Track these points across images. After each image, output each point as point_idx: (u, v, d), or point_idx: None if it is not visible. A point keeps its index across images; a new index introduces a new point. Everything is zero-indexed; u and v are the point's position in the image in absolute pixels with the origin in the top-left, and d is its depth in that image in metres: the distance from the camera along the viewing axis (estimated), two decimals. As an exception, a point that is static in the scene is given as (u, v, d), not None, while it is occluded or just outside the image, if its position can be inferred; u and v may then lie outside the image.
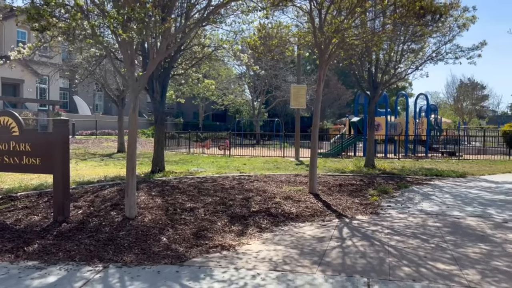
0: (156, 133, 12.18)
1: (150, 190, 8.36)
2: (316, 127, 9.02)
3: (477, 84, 61.31)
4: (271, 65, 40.17)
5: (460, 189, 9.76)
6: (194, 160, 17.84)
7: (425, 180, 11.24)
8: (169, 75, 12.21)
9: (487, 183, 10.81)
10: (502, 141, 27.10)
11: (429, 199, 8.52)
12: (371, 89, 13.54)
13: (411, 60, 13.03)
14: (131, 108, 6.24)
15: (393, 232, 5.88)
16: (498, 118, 72.94)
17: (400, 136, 22.86)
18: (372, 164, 13.72)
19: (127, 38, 5.09)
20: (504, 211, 7.34)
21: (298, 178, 10.83)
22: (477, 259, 4.74)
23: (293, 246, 5.22)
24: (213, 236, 5.60)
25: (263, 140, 37.47)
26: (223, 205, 7.18)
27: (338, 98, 46.61)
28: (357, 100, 25.11)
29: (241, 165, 15.47)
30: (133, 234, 5.56)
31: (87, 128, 31.46)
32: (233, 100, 44.24)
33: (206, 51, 12.94)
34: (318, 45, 8.32)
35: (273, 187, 9.14)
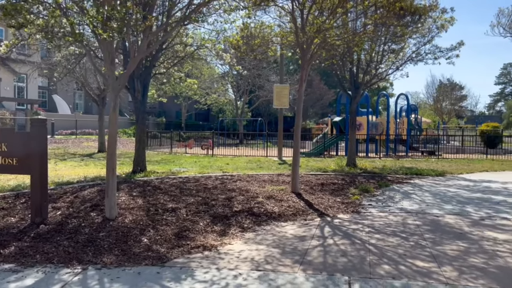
0: (137, 133, 12.05)
1: (131, 191, 8.26)
2: (299, 127, 9.07)
3: (456, 84, 62.65)
4: (254, 65, 40.18)
5: (439, 188, 9.94)
6: (177, 160, 17.71)
7: (406, 179, 11.41)
8: (150, 74, 12.09)
9: (465, 182, 11.05)
10: (479, 141, 27.76)
11: (409, 197, 8.65)
12: (353, 89, 13.67)
13: (391, 61, 13.23)
14: (111, 107, 6.15)
15: (373, 231, 5.95)
16: (476, 118, 74.72)
17: (381, 136, 23.18)
18: (353, 163, 13.86)
19: (107, 37, 5.01)
20: (481, 209, 7.51)
21: (281, 177, 10.86)
22: (455, 256, 4.83)
23: (275, 246, 5.23)
24: (195, 236, 5.56)
25: (247, 139, 37.44)
26: (206, 205, 7.15)
27: (321, 98, 46.96)
28: (339, 100, 25.33)
29: (224, 165, 15.43)
30: (113, 235, 5.48)
31: (67, 128, 30.89)
32: (216, 100, 44.08)
33: (188, 50, 12.86)
34: (300, 45, 8.35)
35: (255, 186, 9.14)
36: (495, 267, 4.49)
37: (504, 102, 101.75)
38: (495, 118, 76.51)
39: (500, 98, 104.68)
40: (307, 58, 8.44)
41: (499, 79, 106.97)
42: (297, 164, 8.89)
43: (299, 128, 9.06)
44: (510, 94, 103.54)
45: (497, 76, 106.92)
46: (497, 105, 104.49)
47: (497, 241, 5.46)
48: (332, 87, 49.07)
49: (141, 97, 11.70)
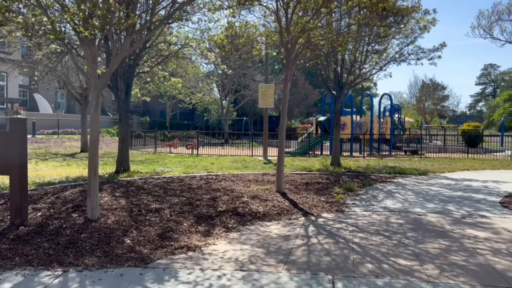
0: (121, 132, 11.90)
1: (114, 191, 8.15)
2: (283, 127, 9.08)
3: (438, 84, 63.60)
4: (239, 64, 40.10)
5: (422, 187, 10.08)
6: (161, 160, 17.56)
7: (389, 178, 11.54)
8: (134, 73, 11.95)
9: (447, 180, 11.23)
10: (461, 140, 28.27)
11: (393, 196, 8.75)
12: (337, 89, 13.76)
13: (375, 61, 13.36)
14: (93, 106, 6.05)
15: (357, 230, 5.99)
16: (458, 117, 76.11)
17: (365, 135, 23.41)
18: (338, 163, 13.96)
19: (88, 35, 4.92)
20: (462, 207, 7.64)
21: (266, 177, 10.86)
22: (437, 255, 4.90)
23: (259, 245, 5.22)
24: (179, 237, 5.52)
25: (232, 139, 37.40)
26: (190, 205, 7.10)
27: (306, 97, 47.16)
28: (324, 99, 25.50)
29: (209, 165, 15.37)
30: (95, 236, 5.39)
31: (48, 127, 30.34)
32: (201, 99, 43.88)
33: (172, 49, 12.76)
34: (285, 45, 8.37)
35: (240, 186, 9.12)
36: (475, 264, 4.57)
37: (484, 102, 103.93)
38: (476, 118, 78.11)
39: (480, 98, 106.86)
40: (291, 58, 8.45)
41: (480, 79, 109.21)
42: (281, 164, 8.90)
43: (284, 128, 9.08)
44: (491, 94, 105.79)
45: (478, 77, 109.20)
46: (478, 105, 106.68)
47: (477, 239, 5.55)
48: (317, 87, 49.30)
49: (124, 96, 11.56)
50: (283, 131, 9.05)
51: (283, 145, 9.21)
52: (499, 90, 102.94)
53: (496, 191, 9.49)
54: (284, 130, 9.08)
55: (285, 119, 9.05)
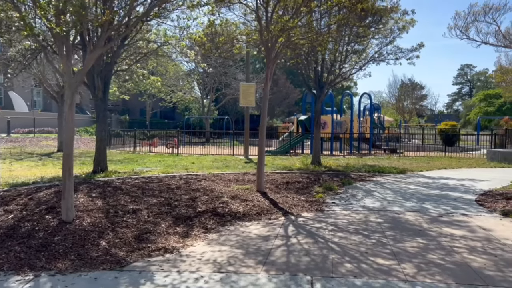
0: (98, 131, 11.65)
1: (91, 192, 7.96)
2: (264, 126, 9.04)
3: (416, 84, 64.68)
4: (220, 63, 39.89)
5: (400, 185, 10.20)
6: (140, 159, 17.31)
7: (368, 176, 11.64)
8: (112, 71, 11.73)
9: (425, 179, 11.39)
10: (439, 139, 28.82)
11: (371, 195, 8.81)
12: (318, 88, 13.81)
13: (355, 61, 13.46)
14: (67, 104, 5.88)
15: (336, 229, 6.00)
16: (436, 116, 77.62)
17: (345, 134, 23.61)
18: (318, 162, 14.01)
19: (60, 31, 4.76)
20: (439, 206, 7.75)
21: (247, 176, 10.81)
22: (414, 253, 4.93)
23: (238, 246, 5.16)
24: (156, 238, 5.41)
25: (213, 138, 37.20)
26: (168, 206, 6.98)
27: (287, 96, 47.28)
28: (305, 99, 25.61)
29: (190, 164, 15.23)
30: (69, 239, 5.24)
31: (24, 126, 29.57)
32: (182, 97, 43.49)
33: (152, 46, 12.57)
34: (265, 44, 8.32)
35: (221, 186, 9.04)
36: (452, 263, 4.62)
37: (461, 101, 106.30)
38: (453, 117, 79.85)
39: (457, 98, 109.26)
40: (272, 57, 8.42)
41: (457, 79, 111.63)
42: (262, 164, 8.86)
43: (264, 127, 9.04)
44: (467, 94, 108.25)
45: (455, 77, 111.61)
46: (455, 104, 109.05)
47: (454, 237, 5.63)
48: (298, 86, 49.48)
49: (101, 95, 11.32)
50: (264, 130, 9.02)
51: (264, 145, 9.17)
52: (475, 90, 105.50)
53: (472, 189, 9.67)
54: (265, 129, 9.04)
55: (265, 118, 9.02)
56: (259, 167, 8.81)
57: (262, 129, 9.00)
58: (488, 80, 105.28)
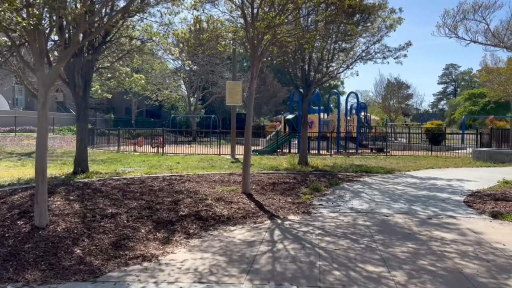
0: (79, 131, 11.26)
1: (69, 194, 7.62)
2: (250, 125, 8.78)
3: (402, 83, 65.05)
4: (207, 61, 39.51)
5: (388, 186, 10.05)
6: (124, 159, 16.91)
7: (355, 176, 11.49)
8: (93, 68, 11.34)
9: (412, 179, 11.28)
10: (425, 138, 28.96)
11: (359, 196, 8.64)
12: (305, 87, 13.62)
13: (342, 59, 13.29)
14: (40, 103, 5.55)
15: (324, 233, 5.79)
16: (421, 115, 78.30)
17: (333, 133, 23.50)
18: (305, 162, 13.83)
19: (27, 25, 4.44)
20: (428, 207, 7.61)
21: (232, 177, 10.55)
22: (405, 259, 4.75)
23: (221, 253, 4.91)
24: (134, 245, 5.12)
25: (200, 137, 36.78)
26: (149, 210, 6.69)
27: (274, 95, 47.11)
28: (292, 97, 25.44)
29: (174, 164, 14.91)
30: (41, 246, 4.92)
31: (5, 125, 28.78)
32: (168, 96, 42.98)
33: (135, 43, 12.20)
34: (251, 41, 8.07)
35: (205, 187, 8.77)
36: (443, 269, 4.45)
37: (446, 100, 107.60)
38: (438, 116, 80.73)
39: (442, 97, 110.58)
40: (257, 55, 8.17)
41: (442, 79, 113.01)
42: (248, 164, 8.62)
43: (250, 126, 8.78)
44: (452, 93, 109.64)
45: (440, 76, 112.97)
46: (440, 104, 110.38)
47: (444, 241, 5.47)
48: (285, 85, 49.37)
49: (82, 93, 10.94)
50: (249, 129, 8.77)
51: (249, 145, 8.92)
52: (459, 89, 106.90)
53: (460, 189, 9.58)
54: (250, 129, 8.79)
55: (251, 117, 8.77)
56: (245, 168, 8.56)
57: (248, 128, 8.75)
58: (472, 80, 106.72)
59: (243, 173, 8.58)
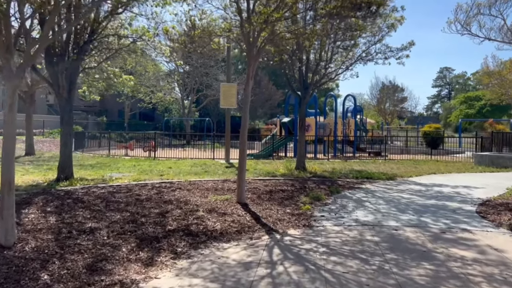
0: (63, 135, 10.58)
1: (46, 205, 6.94)
2: (245, 128, 8.14)
3: (397, 86, 64.78)
4: (201, 63, 38.87)
5: (392, 194, 9.45)
6: (114, 164, 16.20)
7: (357, 183, 10.88)
8: (78, 68, 10.67)
9: (417, 186, 10.69)
10: (422, 141, 28.49)
11: (363, 206, 8.02)
12: (302, 89, 13.01)
13: (341, 60, 12.69)
14: (8, 105, 4.88)
15: (329, 251, 5.15)
16: (416, 118, 78.13)
17: (330, 137, 22.90)
18: (303, 167, 13.21)
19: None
20: (439, 219, 7.00)
21: (227, 184, 9.91)
22: (424, 285, 4.12)
23: (213, 278, 4.25)
24: (113, 268, 4.45)
25: (194, 140, 36.05)
26: (133, 224, 6.02)
27: (270, 98, 46.51)
28: (288, 100, 24.82)
29: (166, 169, 14.24)
30: (3, 271, 4.23)
31: (-9, 127, 27.88)
32: (162, 98, 42.27)
33: (123, 42, 11.53)
34: (246, 38, 7.44)
35: (197, 196, 8.11)
36: (471, 298, 3.83)
37: (440, 103, 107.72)
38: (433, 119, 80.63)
39: (437, 100, 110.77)
40: (253, 53, 7.54)
41: (436, 82, 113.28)
42: (243, 171, 7.97)
43: (245, 130, 8.14)
44: (446, 96, 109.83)
45: (434, 79, 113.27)
46: (434, 107, 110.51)
47: (465, 261, 4.85)
48: (281, 88, 48.84)
49: (67, 95, 10.26)
50: (245, 133, 8.12)
51: (245, 150, 8.27)
52: (454, 93, 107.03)
53: (469, 198, 8.99)
54: (246, 132, 8.15)
55: (247, 120, 8.13)
56: (240, 176, 7.92)
57: (243, 132, 8.11)
58: (466, 83, 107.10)
59: (238, 181, 7.94)
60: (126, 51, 11.64)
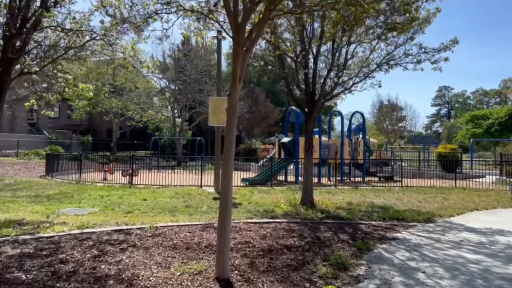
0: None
1: None
2: (230, 148, 5.17)
3: (396, 105, 62.50)
4: (194, 79, 36.31)
5: (448, 252, 6.48)
6: (79, 194, 13.30)
7: (387, 228, 7.97)
8: (10, 73, 7.86)
9: (471, 234, 7.75)
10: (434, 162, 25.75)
11: (415, 279, 5.10)
12: (309, 102, 10.21)
13: (360, 65, 9.88)
14: None
15: None
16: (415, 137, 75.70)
17: (336, 159, 20.02)
18: (311, 202, 10.30)
19: None
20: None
21: (208, 234, 7.00)
22: None
23: None
24: None
25: (185, 161, 33.07)
26: None
27: (267, 116, 43.72)
28: (287, 118, 22.01)
29: (139, 202, 11.37)
30: None
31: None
32: (153, 116, 39.57)
33: (81, 41, 8.78)
34: (232, 16, 4.67)
35: (154, 266, 5.18)
36: None
37: (440, 123, 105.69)
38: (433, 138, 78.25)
39: (436, 119, 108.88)
40: (242, 39, 4.75)
41: (435, 101, 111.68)
42: (226, 225, 5.03)
43: (230, 151, 5.15)
44: (445, 115, 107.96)
45: (433, 98, 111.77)
46: (434, 126, 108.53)
47: None
48: (278, 105, 46.32)
49: (-10, 108, 7.44)
50: (230, 155, 5.15)
51: (231, 181, 5.26)
52: (453, 112, 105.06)
53: None
54: (231, 155, 5.21)
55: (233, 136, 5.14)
56: (221, 232, 4.99)
57: (228, 153, 5.14)
58: (466, 102, 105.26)
59: (219, 240, 5.00)
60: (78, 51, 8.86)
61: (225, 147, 5.02)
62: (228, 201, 4.93)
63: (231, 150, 5.07)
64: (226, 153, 5.03)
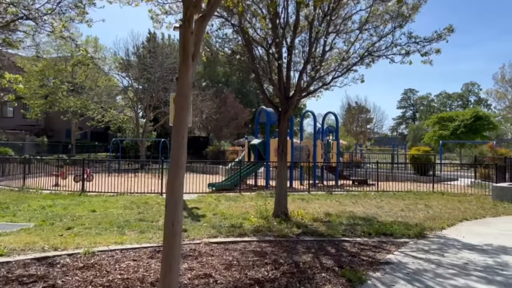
0: None
1: None
2: (181, 155, 3.69)
3: (363, 107, 62.72)
4: (159, 77, 34.38)
5: (455, 283, 5.25)
6: (19, 203, 11.52)
7: (376, 248, 6.72)
8: None
9: (472, 254, 6.59)
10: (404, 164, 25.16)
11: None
12: (283, 99, 8.89)
13: (341, 56, 8.63)
14: None
15: None
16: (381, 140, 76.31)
17: (309, 162, 18.85)
18: (285, 213, 8.96)
19: None
20: None
21: (156, 263, 5.51)
22: None
23: None
24: None
25: (148, 164, 31.07)
26: None
27: (236, 117, 42.25)
28: (258, 119, 20.64)
29: (85, 215, 9.75)
30: None
31: None
32: (115, 116, 37.32)
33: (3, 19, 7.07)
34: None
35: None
36: None
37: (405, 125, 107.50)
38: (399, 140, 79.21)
39: (402, 121, 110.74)
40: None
41: (401, 103, 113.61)
42: (175, 257, 3.61)
43: (181, 158, 3.67)
44: (411, 117, 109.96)
45: (399, 101, 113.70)
46: (399, 128, 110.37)
47: None
48: (248, 106, 44.93)
49: None
50: (181, 155, 3.68)
51: (181, 196, 3.87)
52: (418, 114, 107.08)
53: None
54: (184, 153, 3.75)
55: (183, 138, 3.68)
56: (168, 266, 3.56)
57: (176, 162, 3.69)
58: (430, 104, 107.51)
59: (161, 279, 3.55)
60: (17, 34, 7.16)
61: (172, 153, 3.59)
62: (176, 232, 3.49)
63: (182, 157, 3.63)
64: (173, 161, 3.59)
